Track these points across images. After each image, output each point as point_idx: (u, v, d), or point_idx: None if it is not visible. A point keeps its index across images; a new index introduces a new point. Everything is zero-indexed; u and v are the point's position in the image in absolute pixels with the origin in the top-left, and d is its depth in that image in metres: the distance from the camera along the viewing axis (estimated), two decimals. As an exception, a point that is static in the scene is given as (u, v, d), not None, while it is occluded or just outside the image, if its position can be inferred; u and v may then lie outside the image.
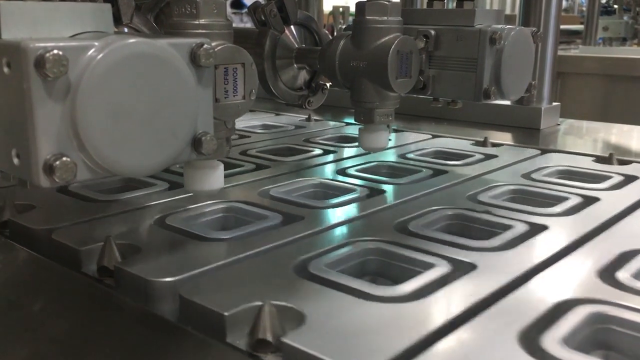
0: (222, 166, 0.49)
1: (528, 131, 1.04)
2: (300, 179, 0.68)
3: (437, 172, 0.73)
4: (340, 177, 0.70)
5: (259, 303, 0.36)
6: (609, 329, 0.36)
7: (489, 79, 0.65)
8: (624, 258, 0.45)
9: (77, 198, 0.60)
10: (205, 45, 0.40)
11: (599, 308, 0.37)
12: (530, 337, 0.34)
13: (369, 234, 0.51)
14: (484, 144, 0.89)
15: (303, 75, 0.73)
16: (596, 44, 3.26)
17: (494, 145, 0.89)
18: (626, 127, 1.10)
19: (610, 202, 0.60)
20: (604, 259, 0.45)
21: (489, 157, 0.81)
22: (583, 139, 1.05)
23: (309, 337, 0.34)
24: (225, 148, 0.49)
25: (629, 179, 0.69)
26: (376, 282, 0.46)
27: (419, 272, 0.43)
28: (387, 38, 0.61)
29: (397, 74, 0.61)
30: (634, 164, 0.76)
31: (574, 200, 0.60)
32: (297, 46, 0.70)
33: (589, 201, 0.60)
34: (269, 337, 0.35)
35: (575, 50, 2.81)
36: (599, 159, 0.79)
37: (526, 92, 0.72)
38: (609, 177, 0.69)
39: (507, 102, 1.08)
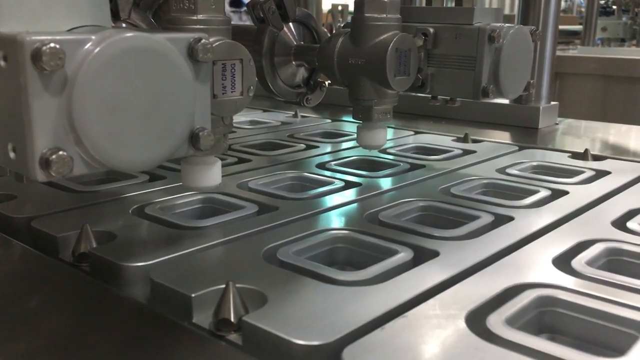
0: (219, 162, 0.49)
1: (526, 130, 1.04)
2: (280, 172, 0.70)
3: (414, 167, 0.75)
4: (319, 171, 0.72)
5: (223, 285, 0.38)
6: (555, 311, 0.38)
7: (488, 77, 0.66)
8: (581, 247, 0.47)
9: (58, 189, 0.62)
10: (203, 41, 0.40)
11: (546, 292, 0.39)
12: (477, 318, 0.36)
13: (340, 223, 0.53)
14: (464, 140, 0.91)
15: (301, 73, 0.74)
16: (595, 45, 3.27)
17: (475, 141, 0.91)
18: (624, 127, 1.10)
19: (578, 195, 0.62)
20: (562, 248, 0.47)
21: (467, 152, 0.83)
22: (581, 138, 1.05)
23: (269, 316, 0.36)
24: (223, 144, 0.49)
25: (600, 174, 0.70)
26: (344, 269, 0.48)
27: (383, 259, 0.45)
28: (385, 36, 0.62)
29: (396, 72, 0.62)
30: (608, 160, 0.78)
31: (542, 194, 0.62)
32: (295, 43, 0.71)
33: (557, 194, 0.62)
34: (232, 317, 0.36)
35: (574, 51, 2.83)
36: (575, 155, 0.80)
37: (525, 91, 0.73)
38: (581, 172, 0.71)
39: (506, 101, 1.09)
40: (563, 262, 0.44)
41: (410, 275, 0.42)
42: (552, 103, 1.09)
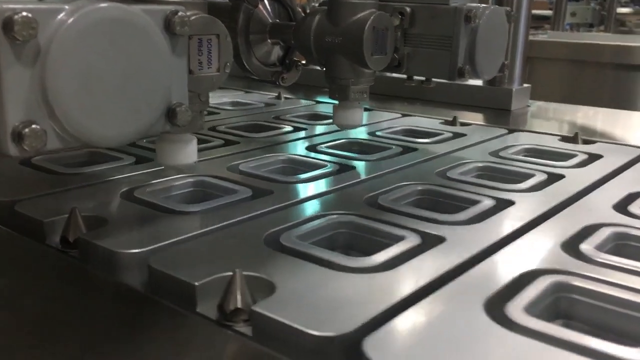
0: (195, 140, 0.48)
1: (499, 112, 1.05)
2: (270, 154, 0.68)
3: (407, 150, 0.73)
4: (310, 153, 0.70)
5: (230, 273, 0.36)
6: (571, 298, 0.37)
7: (464, 58, 0.65)
8: (587, 231, 0.46)
9: (41, 171, 0.59)
10: (180, 13, 0.39)
11: (561, 278, 0.38)
12: (495, 306, 0.35)
13: (339, 207, 0.51)
14: (452, 123, 0.90)
15: (277, 51, 0.72)
16: (564, 30, 3.30)
17: (463, 124, 0.90)
18: (592, 110, 1.11)
19: (575, 179, 0.61)
20: (568, 232, 0.46)
21: (457, 135, 0.82)
22: (550, 120, 1.06)
23: (279, 306, 0.34)
24: (199, 121, 0.48)
25: (593, 158, 0.70)
26: (348, 254, 0.46)
27: (389, 245, 0.43)
28: (362, 14, 0.60)
29: (373, 51, 0.61)
30: (598, 144, 0.78)
31: (539, 177, 0.61)
32: (271, 21, 0.70)
33: (554, 178, 0.61)
34: (240, 306, 0.35)
35: (544, 36, 2.85)
36: (565, 139, 0.80)
37: (499, 72, 0.73)
38: (574, 156, 0.70)
39: (479, 82, 1.08)
40: (571, 247, 0.43)
41: (421, 261, 0.41)
42: (525, 85, 1.10)
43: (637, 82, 2.33)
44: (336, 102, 0.68)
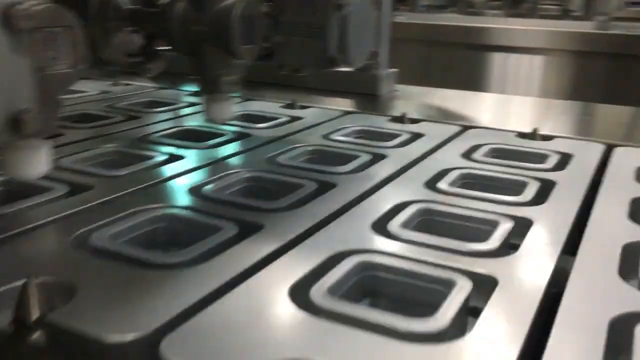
0: (47, 146, 0.43)
1: (369, 97, 1.06)
2: (96, 147, 0.64)
3: (241, 135, 0.73)
4: (140, 144, 0.68)
5: (23, 281, 0.34)
6: (375, 275, 0.39)
7: (335, 46, 0.65)
8: (397, 209, 0.49)
9: None
10: (19, 5, 0.35)
11: (366, 257, 0.40)
12: (302, 291, 0.36)
13: (161, 201, 0.50)
14: (291, 106, 0.91)
15: (137, 40, 0.67)
16: (420, 11, 3.46)
17: (303, 107, 0.91)
18: (451, 92, 1.16)
19: (395, 158, 0.65)
20: (380, 212, 0.49)
21: (295, 119, 0.83)
22: (410, 102, 1.07)
23: (76, 312, 0.33)
24: (52, 125, 0.43)
25: (415, 137, 0.74)
26: (167, 250, 0.46)
27: (206, 236, 0.43)
28: (229, 1, 0.58)
29: (242, 40, 0.58)
30: (422, 123, 0.82)
31: (364, 158, 0.64)
32: (129, 7, 0.64)
33: (377, 158, 0.64)
34: (32, 317, 0.33)
35: (402, 17, 2.96)
36: (395, 119, 0.84)
37: (369, 60, 0.73)
38: (398, 135, 0.74)
39: (350, 69, 1.09)
40: (381, 226, 0.46)
41: (233, 252, 0.41)
42: (391, 70, 1.13)
43: (487, 61, 2.51)
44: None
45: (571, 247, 0.44)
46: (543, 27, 2.54)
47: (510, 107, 1.15)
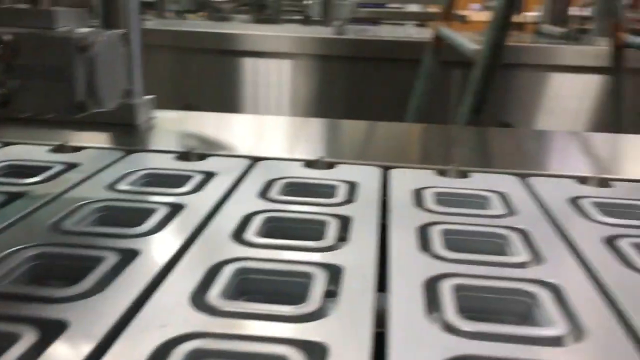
0: None
1: (126, 128, 0.99)
2: None
3: (13, 196, 0.64)
4: None
5: None
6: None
7: (84, 90, 0.59)
8: (211, 274, 0.47)
9: None
10: None
11: (193, 345, 0.38)
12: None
13: None
14: (61, 149, 0.82)
15: None
16: (168, 17, 3.39)
17: (75, 149, 0.83)
18: (214, 115, 1.15)
19: (194, 208, 0.62)
20: (195, 282, 0.47)
21: (70, 166, 0.76)
22: (170, 132, 1.04)
23: None
24: None
25: (208, 176, 0.72)
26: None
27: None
28: None
29: None
30: (210, 158, 0.81)
31: (161, 212, 0.60)
32: None
33: (175, 209, 0.61)
34: None
35: (151, 23, 2.86)
36: (181, 156, 0.81)
37: (124, 98, 0.68)
38: (190, 178, 0.71)
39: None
40: (200, 298, 0.44)
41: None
42: (147, 97, 1.08)
43: (239, 67, 2.56)
44: None
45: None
46: (288, 33, 2.69)
47: (285, 130, 1.16)
